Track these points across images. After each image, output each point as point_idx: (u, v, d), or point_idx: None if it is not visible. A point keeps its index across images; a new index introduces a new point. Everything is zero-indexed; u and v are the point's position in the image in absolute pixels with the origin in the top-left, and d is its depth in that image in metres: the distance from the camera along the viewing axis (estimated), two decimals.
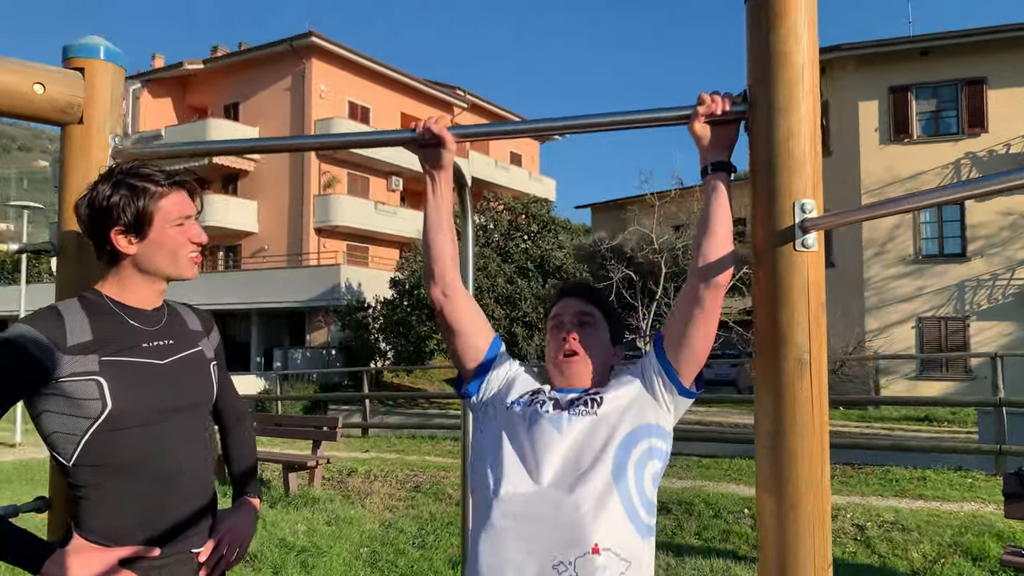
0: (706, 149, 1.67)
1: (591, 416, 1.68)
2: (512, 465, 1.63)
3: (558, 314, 1.87)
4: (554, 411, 1.70)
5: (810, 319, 1.55)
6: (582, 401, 1.72)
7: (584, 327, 1.83)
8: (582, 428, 1.66)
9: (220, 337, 1.94)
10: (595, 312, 1.86)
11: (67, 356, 1.55)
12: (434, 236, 1.79)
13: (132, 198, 1.62)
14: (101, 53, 1.95)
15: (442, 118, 1.78)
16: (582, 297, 1.88)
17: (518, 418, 1.71)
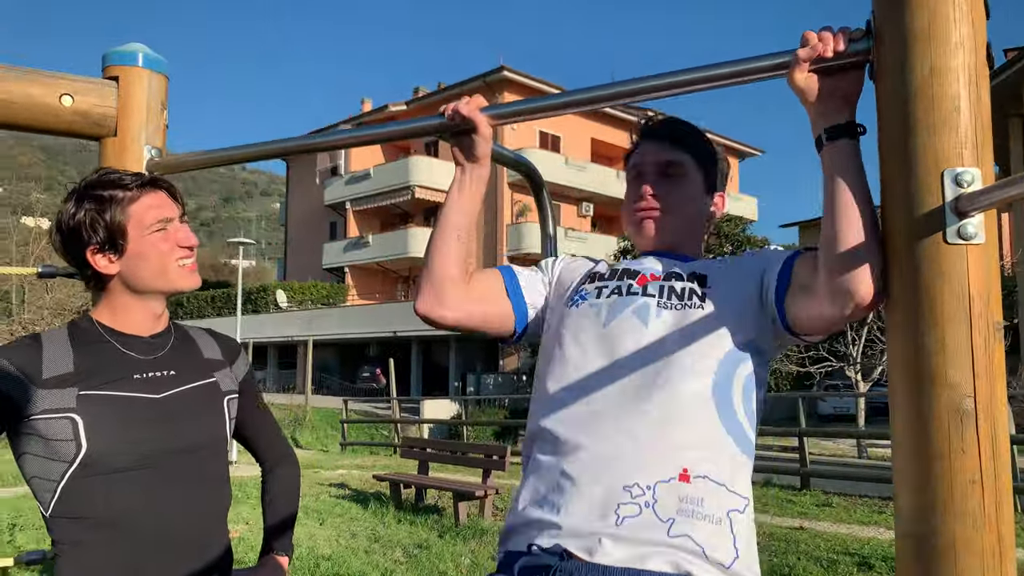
0: (816, 109, 1.19)
1: (693, 310, 1.32)
2: (576, 362, 1.32)
3: (636, 164, 1.50)
4: (640, 297, 1.35)
5: (975, 346, 1.02)
6: (679, 290, 1.35)
7: (669, 179, 1.46)
8: (678, 322, 1.31)
9: (250, 367, 1.70)
10: (683, 158, 1.48)
11: (41, 390, 1.36)
12: (442, 239, 1.40)
13: (99, 211, 1.41)
14: (139, 60, 1.81)
15: (473, 99, 1.43)
16: (665, 139, 1.49)
17: (586, 313, 1.38)
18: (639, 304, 1.34)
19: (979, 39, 1.06)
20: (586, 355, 1.32)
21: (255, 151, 1.72)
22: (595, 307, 1.37)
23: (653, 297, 1.34)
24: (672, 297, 1.34)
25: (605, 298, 1.37)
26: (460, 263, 1.40)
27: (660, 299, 1.34)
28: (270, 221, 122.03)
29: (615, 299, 1.36)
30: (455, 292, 1.40)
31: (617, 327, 1.32)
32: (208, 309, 35.71)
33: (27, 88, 1.68)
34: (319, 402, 22.37)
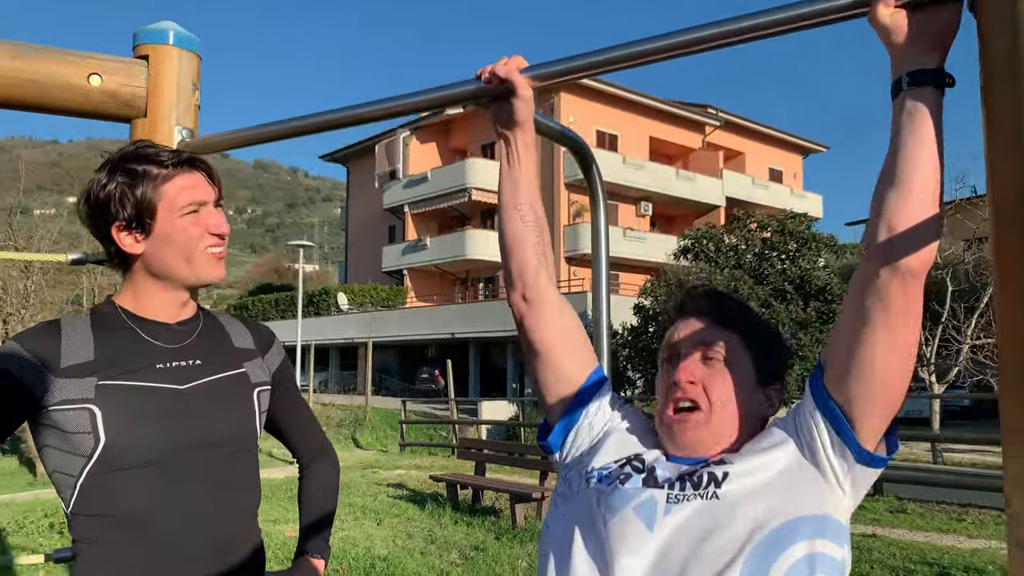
0: (901, 50, 1.03)
1: (704, 502, 1.07)
2: (573, 566, 1.09)
3: (673, 343, 1.24)
4: (646, 490, 1.11)
5: None
6: (694, 476, 1.11)
7: (710, 364, 1.20)
8: (687, 522, 1.06)
9: (284, 358, 1.61)
10: (729, 338, 1.21)
11: (59, 380, 1.28)
12: (508, 221, 1.30)
13: (130, 186, 1.33)
14: (170, 38, 1.74)
15: (511, 60, 1.30)
16: (708, 315, 1.24)
17: (595, 498, 1.14)
18: (644, 499, 1.09)
19: None
20: (587, 550, 1.10)
21: (287, 128, 1.63)
22: (606, 495, 1.12)
23: (662, 489, 1.10)
24: (687, 487, 1.09)
25: (616, 493, 1.12)
26: (534, 248, 1.27)
27: (671, 491, 1.09)
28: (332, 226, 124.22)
29: (623, 490, 1.11)
30: (538, 281, 1.26)
31: (617, 527, 1.08)
32: (272, 312, 36.49)
33: (53, 68, 1.62)
34: (379, 403, 22.58)
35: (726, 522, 1.04)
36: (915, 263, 0.99)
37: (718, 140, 34.32)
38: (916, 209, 0.98)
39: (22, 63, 1.59)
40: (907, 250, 0.99)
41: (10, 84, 1.58)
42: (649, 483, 1.12)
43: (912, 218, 0.98)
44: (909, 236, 0.98)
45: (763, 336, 1.26)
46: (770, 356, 1.24)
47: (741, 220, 19.41)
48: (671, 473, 1.14)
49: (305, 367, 27.24)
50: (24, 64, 1.60)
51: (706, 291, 1.30)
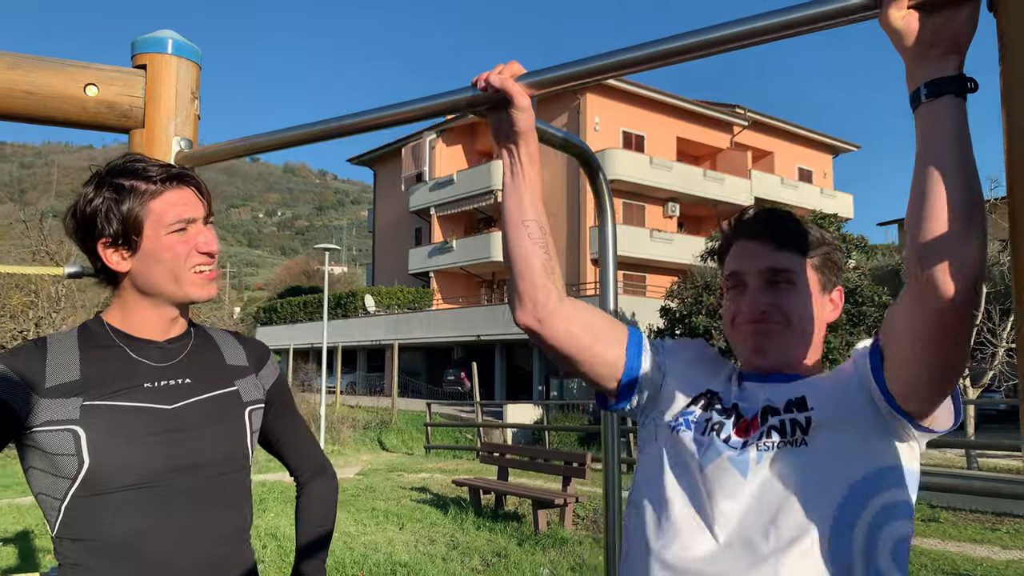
0: (914, 56, 0.96)
1: (793, 449, 1.13)
2: (678, 514, 1.15)
3: (736, 271, 1.28)
4: (737, 438, 1.17)
5: None
6: (780, 425, 1.15)
7: (778, 289, 1.24)
8: (778, 469, 1.12)
9: (279, 374, 1.57)
10: (791, 259, 1.25)
11: (44, 400, 1.25)
12: (514, 239, 1.26)
13: (117, 201, 1.30)
14: (168, 47, 1.72)
15: (507, 67, 1.25)
16: (767, 241, 1.26)
17: (685, 447, 1.20)
18: (737, 454, 1.15)
19: None
20: (686, 503, 1.16)
21: (284, 138, 1.59)
22: (694, 443, 1.19)
23: (752, 444, 1.15)
24: (772, 435, 1.14)
25: (706, 439, 1.19)
26: (542, 265, 1.25)
27: (759, 442, 1.15)
28: (360, 228, 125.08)
29: (717, 445, 1.17)
30: (550, 298, 1.24)
31: (713, 474, 1.15)
32: (300, 314, 36.77)
33: (50, 78, 1.60)
34: (405, 405, 22.63)
35: (815, 470, 1.10)
36: (954, 291, 0.91)
37: (746, 140, 33.95)
38: (948, 233, 0.91)
39: (17, 74, 1.57)
40: (945, 279, 0.92)
41: (4, 95, 1.57)
42: (740, 430, 1.17)
43: (945, 243, 0.91)
44: (945, 263, 0.91)
45: (819, 247, 1.28)
46: (827, 264, 1.29)
47: None
48: (751, 406, 1.20)
49: (332, 369, 27.41)
50: (20, 75, 1.58)
51: (758, 215, 1.31)
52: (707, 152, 33.57)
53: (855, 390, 1.15)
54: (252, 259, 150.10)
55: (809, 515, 1.08)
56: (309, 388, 24.09)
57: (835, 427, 1.12)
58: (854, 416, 1.13)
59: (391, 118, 1.40)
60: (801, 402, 1.16)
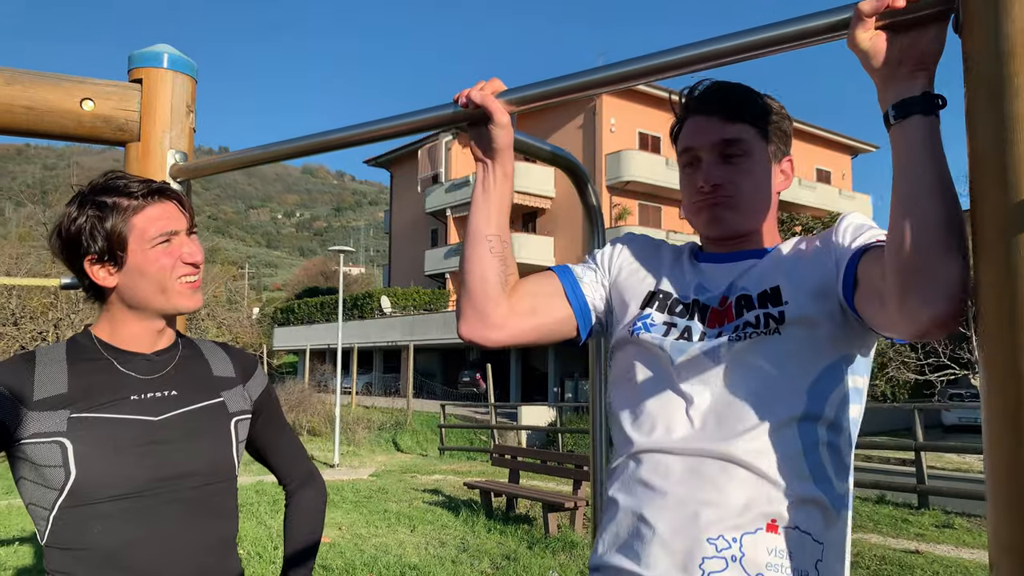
0: (883, 76, 0.97)
1: (770, 338, 1.15)
2: (652, 405, 1.19)
3: (689, 147, 1.28)
4: (703, 329, 1.20)
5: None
6: (756, 319, 1.17)
7: (730, 162, 1.24)
8: (754, 355, 1.15)
9: (267, 385, 1.59)
10: (743, 133, 1.25)
11: (32, 412, 1.28)
12: (474, 252, 1.28)
13: (100, 219, 1.32)
14: (164, 61, 1.75)
15: (488, 83, 1.27)
16: (717, 112, 1.25)
17: (652, 345, 1.22)
18: (709, 344, 1.18)
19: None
20: (660, 394, 1.20)
21: (273, 152, 1.61)
22: (660, 342, 1.22)
23: (725, 336, 1.18)
24: (747, 328, 1.17)
25: (672, 338, 1.21)
26: (498, 278, 1.27)
27: (732, 334, 1.17)
28: (378, 229, 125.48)
29: (683, 342, 1.20)
30: (498, 311, 1.27)
31: (687, 367, 1.18)
32: (317, 314, 36.95)
33: (47, 93, 1.63)
34: (420, 406, 22.69)
35: (786, 359, 1.13)
36: (940, 312, 0.90)
37: None
38: (929, 253, 0.91)
39: (16, 89, 1.61)
40: (930, 300, 0.91)
41: (4, 111, 1.60)
42: (711, 322, 1.20)
43: (927, 264, 0.91)
44: (928, 285, 0.91)
45: (770, 117, 1.28)
46: (778, 133, 1.29)
47: (785, 223, 19.06)
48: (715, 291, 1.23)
49: (348, 370, 27.54)
50: (18, 91, 1.61)
51: (708, 88, 1.30)
52: None
53: (828, 283, 1.16)
54: (271, 260, 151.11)
55: (778, 400, 1.12)
56: (325, 389, 24.22)
57: (807, 321, 1.15)
58: (824, 309, 1.15)
59: (374, 133, 1.42)
60: (775, 294, 1.18)
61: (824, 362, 1.14)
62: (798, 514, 1.10)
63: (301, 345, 33.81)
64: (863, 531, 7.99)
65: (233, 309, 26.42)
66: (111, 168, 1.45)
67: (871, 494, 9.37)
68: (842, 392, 1.16)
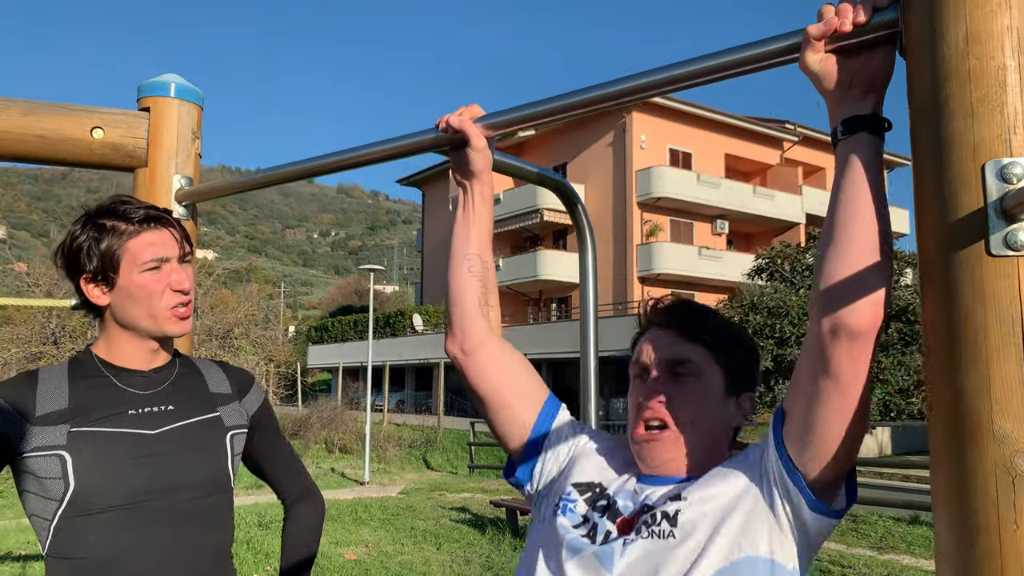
0: (834, 97, 0.99)
1: (659, 541, 1.07)
2: None
3: (639, 360, 1.22)
4: (612, 529, 1.12)
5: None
6: (652, 517, 1.10)
7: (679, 380, 1.18)
8: (641, 561, 1.07)
9: (264, 400, 1.64)
10: (696, 352, 1.19)
11: (35, 428, 1.34)
12: (455, 270, 1.33)
13: (97, 240, 1.39)
14: (171, 90, 1.83)
15: (467, 109, 1.31)
16: (675, 328, 1.22)
17: (558, 536, 1.15)
18: (605, 549, 1.10)
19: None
20: None
21: (269, 177, 1.67)
22: (565, 532, 1.15)
23: (620, 538, 1.11)
24: (641, 530, 1.10)
25: (576, 532, 1.15)
26: (476, 297, 1.30)
27: (627, 536, 1.10)
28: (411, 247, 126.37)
29: (585, 540, 1.13)
30: (476, 330, 1.28)
31: (577, 567, 1.10)
32: (351, 333, 37.32)
33: (60, 123, 1.72)
34: (451, 423, 22.73)
35: (678, 557, 1.05)
36: (856, 323, 0.93)
37: (797, 155, 33.42)
38: (853, 264, 0.93)
39: (31, 120, 1.69)
40: (848, 310, 0.93)
41: (18, 139, 1.69)
42: (617, 522, 1.13)
43: (850, 275, 0.93)
44: (848, 294, 0.93)
45: (732, 346, 1.23)
46: (739, 365, 1.22)
47: (818, 238, 18.83)
48: (633, 504, 1.15)
49: (381, 387, 27.70)
50: (32, 120, 1.70)
51: (670, 304, 1.28)
52: (756, 168, 33.15)
53: (740, 472, 1.11)
54: (306, 279, 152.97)
55: None
56: (358, 406, 24.38)
57: (705, 519, 1.07)
58: (728, 495, 1.09)
59: (360, 159, 1.47)
60: (676, 496, 1.11)
61: (726, 557, 1.04)
62: None
63: (334, 363, 34.13)
64: (895, 552, 7.82)
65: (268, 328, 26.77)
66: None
67: (904, 514, 9.16)
68: None
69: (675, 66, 1.12)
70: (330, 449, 19.14)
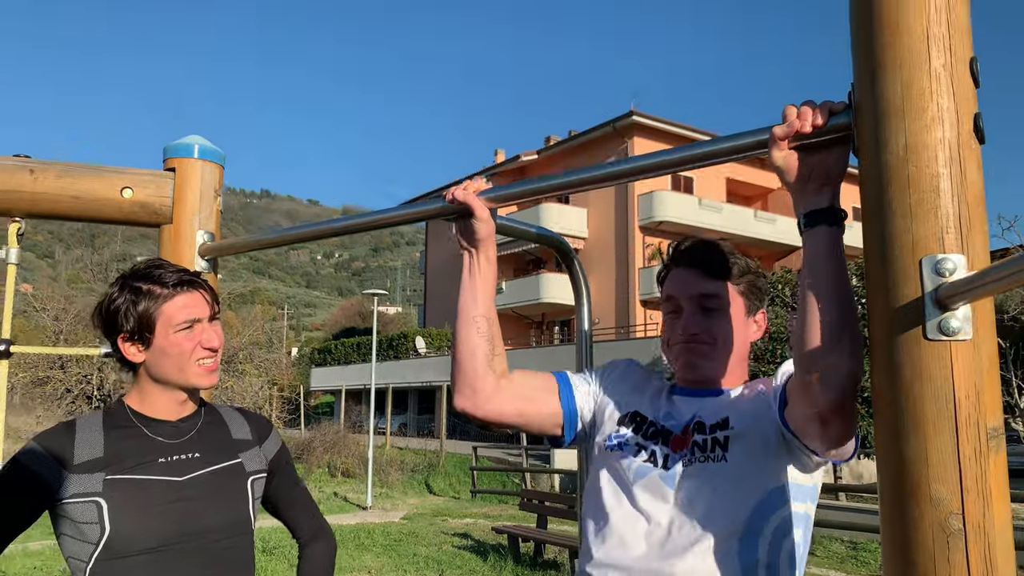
0: (795, 189, 1.12)
1: (716, 464, 1.30)
2: (614, 523, 1.33)
3: (672, 295, 1.44)
4: (666, 452, 1.35)
5: (963, 456, 0.90)
6: (703, 443, 1.32)
7: (708, 314, 1.40)
8: (702, 480, 1.30)
9: (281, 445, 1.76)
10: (720, 289, 1.41)
11: (73, 475, 1.46)
12: (464, 332, 1.45)
13: (134, 303, 1.51)
14: (195, 152, 1.96)
15: (472, 183, 1.44)
16: (701, 268, 1.42)
17: (620, 465, 1.38)
18: (667, 472, 1.33)
19: (963, 111, 0.96)
20: (621, 508, 1.34)
21: (293, 235, 1.81)
22: (628, 461, 1.37)
23: (680, 462, 1.33)
24: (696, 452, 1.32)
25: (640, 461, 1.36)
26: (485, 356, 1.43)
27: (685, 459, 1.32)
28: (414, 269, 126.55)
29: (648, 465, 1.35)
30: (486, 386, 1.43)
31: (646, 487, 1.33)
32: (354, 355, 37.37)
33: (92, 184, 1.85)
34: (454, 447, 22.73)
35: (731, 483, 1.28)
36: (831, 397, 1.06)
37: None
38: (822, 346, 1.06)
39: (66, 182, 1.83)
40: (821, 386, 1.07)
41: (54, 200, 1.82)
42: (670, 445, 1.35)
43: (820, 355, 1.06)
44: (820, 372, 1.06)
45: (744, 274, 1.45)
46: (752, 290, 1.45)
47: None
48: (678, 420, 1.37)
49: (383, 410, 27.73)
50: (68, 183, 1.83)
51: (691, 245, 1.47)
52: (758, 192, 33.36)
53: (768, 415, 1.30)
54: (310, 300, 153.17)
55: (724, 521, 1.25)
56: (360, 430, 24.42)
57: (750, 448, 1.29)
58: (765, 438, 1.29)
59: (380, 222, 1.61)
60: (724, 422, 1.32)
61: (766, 487, 1.28)
62: None
63: (337, 385, 34.15)
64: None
65: (272, 350, 26.85)
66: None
67: None
68: (782, 515, 1.28)
69: (666, 152, 1.25)
70: (333, 473, 19.15)
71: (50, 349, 1.95)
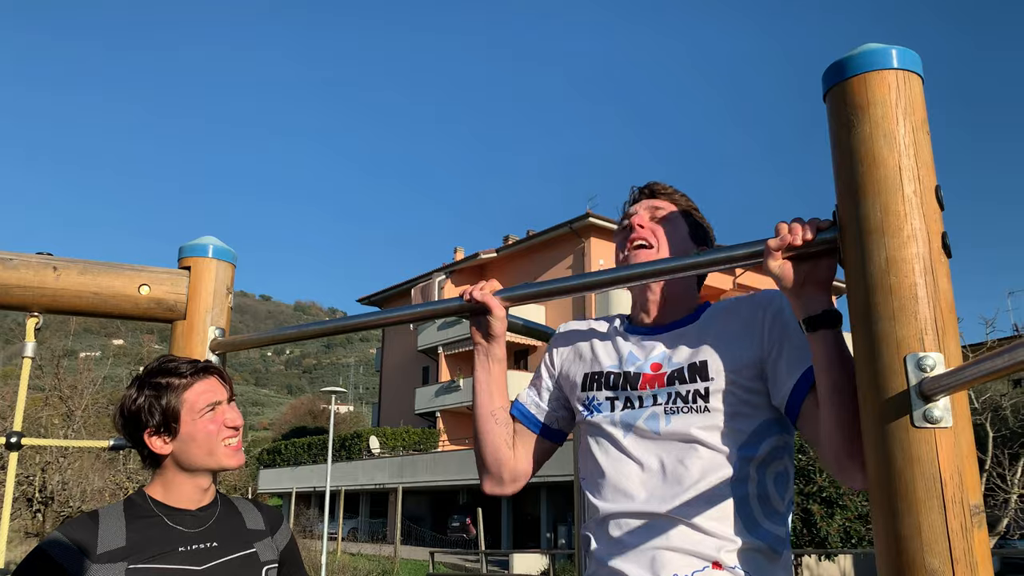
0: (793, 294, 1.27)
1: (700, 415, 1.39)
2: (612, 475, 1.43)
3: (627, 213, 1.60)
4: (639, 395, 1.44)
5: (951, 531, 1.02)
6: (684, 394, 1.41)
7: (655, 220, 1.55)
8: (687, 427, 1.39)
9: (291, 537, 1.80)
10: (666, 205, 1.58)
11: (96, 565, 1.49)
12: (485, 426, 1.58)
13: (156, 397, 1.59)
14: (209, 251, 2.06)
15: (487, 283, 1.57)
16: (651, 195, 1.60)
17: (599, 422, 1.48)
18: (648, 414, 1.43)
19: (932, 231, 1.12)
20: (614, 463, 1.44)
21: (303, 332, 1.90)
22: (610, 418, 1.47)
23: (660, 405, 1.42)
24: (678, 401, 1.41)
25: (619, 412, 1.46)
26: (506, 443, 1.57)
27: (667, 405, 1.42)
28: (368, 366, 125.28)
29: (628, 412, 1.45)
30: (509, 470, 1.57)
31: (634, 437, 1.43)
32: (304, 456, 36.33)
33: (112, 281, 1.93)
34: (408, 553, 22.03)
35: (716, 428, 1.38)
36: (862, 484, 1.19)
37: (749, 281, 34.67)
38: (840, 437, 1.20)
39: (87, 278, 1.91)
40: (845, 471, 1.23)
41: (75, 296, 1.89)
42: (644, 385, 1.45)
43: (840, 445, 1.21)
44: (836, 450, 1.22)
45: (693, 212, 1.61)
46: (700, 227, 1.60)
47: None
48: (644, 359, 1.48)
49: (335, 515, 26.84)
50: (89, 279, 1.91)
51: (649, 182, 1.64)
52: (712, 292, 34.19)
53: (755, 366, 1.39)
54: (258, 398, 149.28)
55: (714, 461, 1.36)
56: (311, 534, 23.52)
57: (731, 396, 1.38)
58: (748, 384, 1.39)
59: (396, 319, 1.72)
60: (703, 369, 1.41)
61: (749, 427, 1.39)
62: (737, 557, 1.33)
63: (287, 488, 33.06)
64: None
65: None
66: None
67: None
68: (768, 448, 1.39)
69: (665, 260, 1.40)
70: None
71: (60, 442, 1.97)
